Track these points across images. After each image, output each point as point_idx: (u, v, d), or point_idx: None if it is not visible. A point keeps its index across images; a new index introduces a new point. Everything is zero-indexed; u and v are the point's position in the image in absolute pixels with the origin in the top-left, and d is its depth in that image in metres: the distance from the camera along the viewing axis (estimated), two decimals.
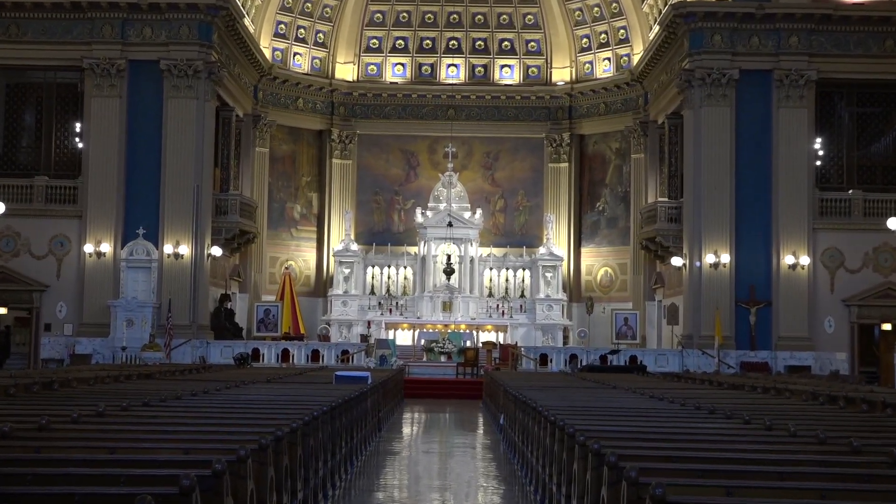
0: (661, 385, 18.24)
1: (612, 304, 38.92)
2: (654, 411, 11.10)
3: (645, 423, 9.63)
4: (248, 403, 11.28)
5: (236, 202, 35.14)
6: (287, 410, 10.25)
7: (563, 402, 12.66)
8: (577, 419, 9.68)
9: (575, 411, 10.96)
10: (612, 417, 10.22)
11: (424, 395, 27.88)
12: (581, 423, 9.22)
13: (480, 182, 41.68)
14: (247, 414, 9.86)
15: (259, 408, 10.65)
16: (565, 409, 11.26)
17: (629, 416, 10.34)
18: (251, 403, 11.30)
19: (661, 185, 36.03)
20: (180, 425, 8.61)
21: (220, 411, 10.13)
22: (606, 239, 40.44)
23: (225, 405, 10.94)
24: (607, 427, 9.00)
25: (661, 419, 10.12)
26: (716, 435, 8.63)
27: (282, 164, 40.33)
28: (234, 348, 31.21)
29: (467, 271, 38.64)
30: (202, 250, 31.69)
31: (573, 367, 30.03)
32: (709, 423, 9.64)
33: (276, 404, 11.21)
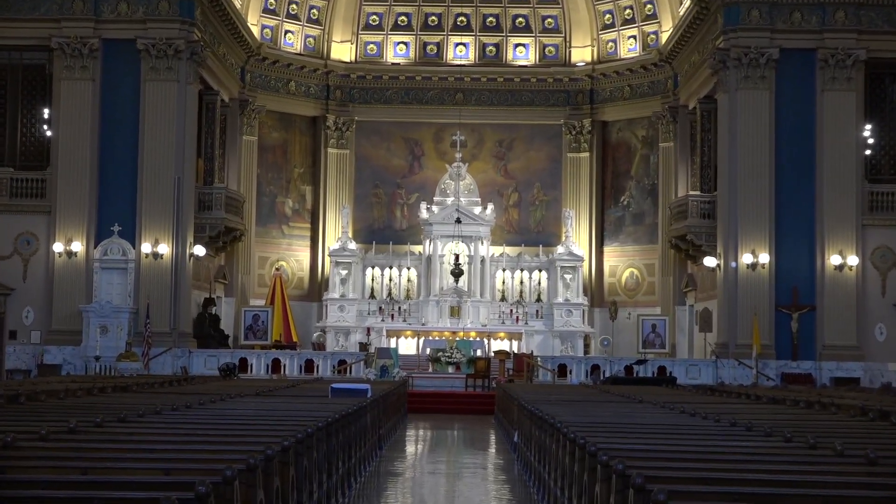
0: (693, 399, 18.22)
1: (638, 309, 38.89)
2: (684, 428, 11.10)
3: (675, 441, 9.62)
4: (235, 419, 11.30)
5: (221, 196, 35.18)
6: (278, 427, 10.26)
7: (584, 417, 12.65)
8: (599, 436, 9.68)
9: (597, 428, 10.96)
10: (638, 435, 10.21)
11: (430, 409, 27.89)
12: (604, 440, 9.22)
13: (492, 174, 41.68)
14: (234, 431, 9.88)
15: (247, 424, 10.66)
16: (586, 425, 11.26)
17: (657, 434, 10.34)
18: (238, 419, 11.32)
19: (693, 176, 36.01)
20: (160, 443, 8.63)
21: (205, 428, 10.14)
22: (632, 237, 40.41)
23: (209, 421, 10.95)
24: (633, 445, 9.00)
25: (693, 437, 10.12)
26: (753, 454, 8.63)
27: (272, 154, 40.37)
28: (219, 358, 31.23)
29: (477, 273, 38.65)
30: (184, 249, 31.74)
31: (595, 379, 30.03)
32: (746, 442, 9.63)
33: (266, 420, 11.22)
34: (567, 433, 10.09)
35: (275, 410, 12.92)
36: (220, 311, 36.55)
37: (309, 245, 41.00)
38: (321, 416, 11.33)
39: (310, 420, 10.89)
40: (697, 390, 23.04)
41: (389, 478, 15.22)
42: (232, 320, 37.19)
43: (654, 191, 39.50)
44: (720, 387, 24.85)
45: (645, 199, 40.06)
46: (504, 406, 22.56)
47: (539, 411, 13.25)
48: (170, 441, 8.83)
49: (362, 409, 14.75)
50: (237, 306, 37.44)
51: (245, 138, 38.61)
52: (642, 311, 38.22)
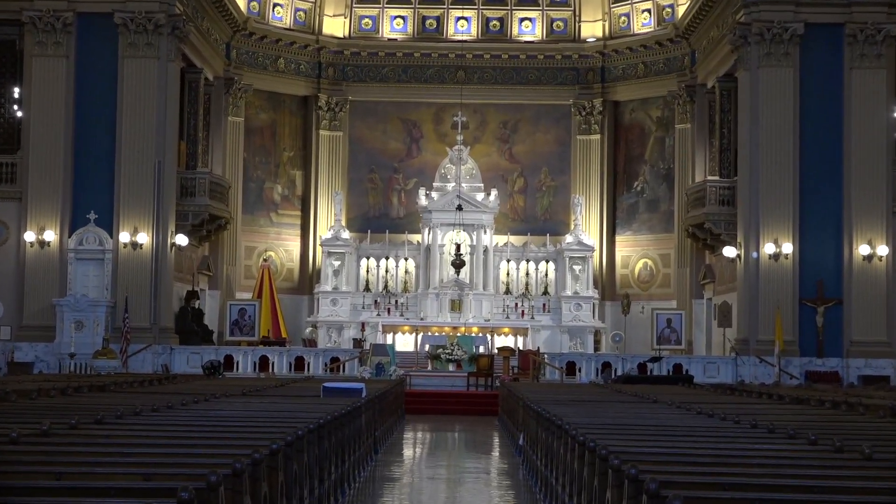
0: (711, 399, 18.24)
1: (652, 302, 38.90)
2: (702, 430, 11.11)
3: (691, 443, 9.64)
4: (220, 421, 11.31)
5: (205, 182, 35.18)
6: (266, 429, 10.27)
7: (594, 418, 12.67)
8: (610, 439, 9.69)
9: (608, 429, 10.97)
10: (651, 437, 10.22)
11: (429, 410, 27.92)
12: (615, 443, 9.23)
13: (496, 157, 41.67)
14: (219, 433, 9.89)
15: (233, 426, 10.67)
16: (596, 426, 11.27)
17: (672, 436, 10.35)
18: (224, 421, 11.33)
19: (711, 160, 35.99)
20: (140, 447, 8.64)
21: (188, 430, 10.15)
22: (646, 225, 40.42)
23: (193, 423, 10.96)
24: (646, 448, 9.01)
25: (711, 439, 10.13)
26: (775, 458, 8.64)
27: (259, 137, 40.34)
28: (202, 355, 31.24)
29: (480, 264, 38.66)
30: (165, 239, 31.74)
31: (606, 378, 30.05)
32: (767, 444, 9.64)
33: (254, 422, 11.23)
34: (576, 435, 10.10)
35: (263, 411, 12.94)
36: (204, 305, 36.56)
37: (299, 234, 41.00)
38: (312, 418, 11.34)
39: (300, 422, 10.90)
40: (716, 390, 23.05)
41: (386, 483, 15.24)
42: (216, 315, 37.20)
43: (669, 176, 39.48)
44: (740, 386, 24.86)
45: (660, 184, 40.05)
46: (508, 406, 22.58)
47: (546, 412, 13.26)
48: (150, 444, 8.84)
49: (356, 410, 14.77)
50: (222, 300, 37.46)
51: (231, 119, 38.59)
52: (657, 304, 38.23)
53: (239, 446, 8.58)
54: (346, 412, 13.42)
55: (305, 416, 11.93)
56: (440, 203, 38.73)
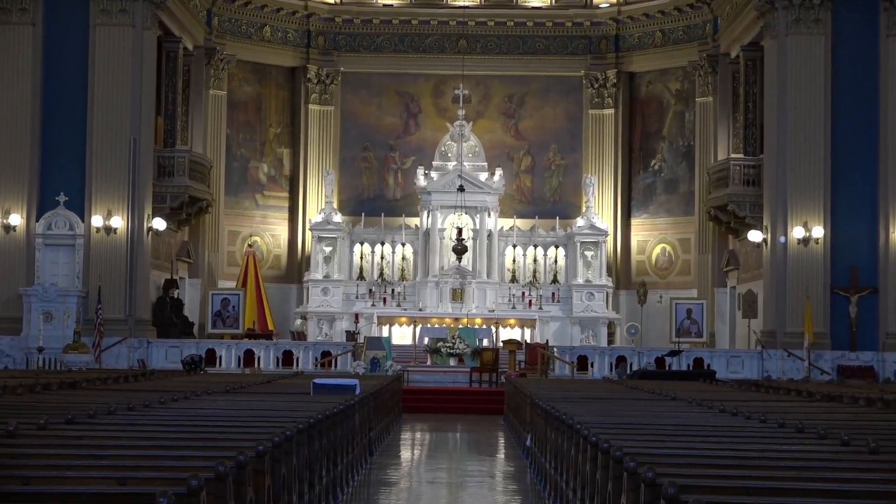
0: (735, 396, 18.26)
1: (670, 291, 38.91)
2: (725, 430, 11.13)
3: (713, 444, 9.65)
4: (201, 420, 11.33)
5: (185, 161, 35.16)
6: (252, 429, 10.29)
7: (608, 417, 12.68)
8: (625, 439, 9.70)
9: (622, 429, 10.98)
10: (670, 438, 10.24)
11: (428, 408, 27.95)
12: (630, 444, 9.24)
13: (500, 134, 41.63)
14: (200, 434, 9.90)
15: (216, 426, 10.69)
16: (610, 426, 11.29)
17: (693, 436, 10.36)
18: (206, 420, 11.34)
19: (735, 137, 35.96)
20: (114, 448, 8.65)
21: (166, 430, 10.17)
22: (664, 207, 40.40)
23: (172, 422, 10.98)
24: (664, 449, 9.02)
25: (734, 440, 10.14)
26: (805, 460, 8.65)
27: (243, 112, 40.30)
28: (182, 349, 31.27)
29: (484, 249, 38.66)
30: (141, 223, 31.73)
31: (620, 373, 30.08)
32: (796, 445, 9.66)
33: (238, 421, 11.25)
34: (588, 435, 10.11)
35: (248, 410, 12.95)
36: (184, 295, 36.57)
37: (287, 217, 40.99)
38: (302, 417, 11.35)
39: (288, 421, 10.91)
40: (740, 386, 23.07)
41: (381, 488, 15.26)
42: (197, 305, 37.21)
43: (689, 153, 39.45)
44: (766, 382, 24.89)
45: (679, 163, 40.02)
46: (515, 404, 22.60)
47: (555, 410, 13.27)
48: (126, 446, 8.85)
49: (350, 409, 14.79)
50: (203, 289, 37.47)
51: (212, 93, 38.53)
52: (676, 293, 38.24)
53: (222, 448, 8.59)
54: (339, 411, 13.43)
55: (294, 415, 11.94)
56: (440, 183, 38.70)
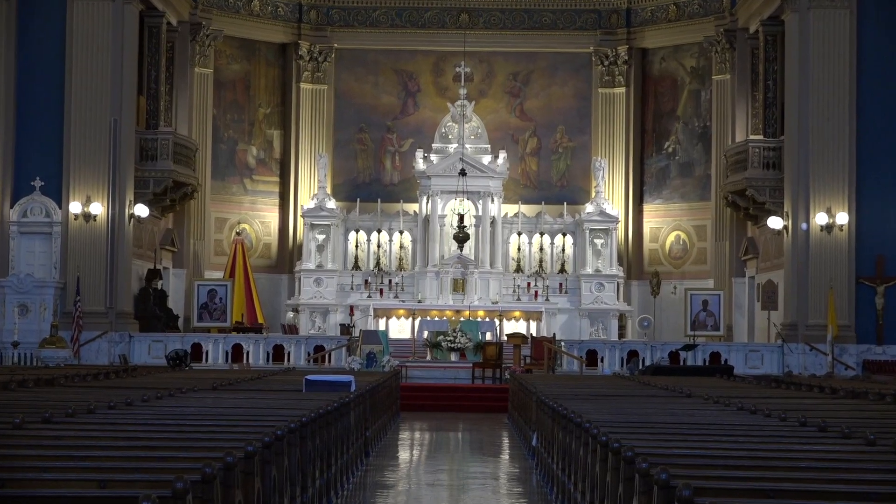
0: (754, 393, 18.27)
1: (685, 281, 38.92)
2: (743, 428, 11.13)
3: (730, 444, 9.66)
4: (187, 419, 11.33)
5: (168, 143, 35.14)
6: (241, 428, 10.30)
7: (619, 415, 12.69)
8: (636, 438, 9.71)
9: (634, 428, 10.99)
10: (684, 437, 10.24)
11: (428, 406, 27.97)
12: (642, 443, 9.25)
13: (504, 114, 41.60)
14: (186, 433, 9.91)
15: (202, 425, 10.70)
16: (621, 424, 11.30)
17: (709, 435, 10.37)
18: (191, 419, 11.35)
19: (754, 117, 35.93)
20: (94, 449, 8.65)
21: (149, 430, 10.18)
22: (678, 192, 40.39)
23: (155, 422, 10.99)
24: (678, 449, 9.03)
25: (753, 439, 10.15)
26: (828, 461, 8.65)
27: (231, 91, 40.28)
28: (166, 344, 31.30)
29: (487, 237, 38.66)
30: (122, 209, 31.73)
31: (632, 369, 30.10)
32: (818, 445, 9.66)
33: (226, 420, 11.26)
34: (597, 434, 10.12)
35: (236, 408, 12.96)
36: (168, 286, 36.59)
37: (277, 203, 40.99)
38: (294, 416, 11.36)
39: (280, 420, 10.92)
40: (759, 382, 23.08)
41: (378, 491, 15.28)
42: (182, 297, 37.22)
43: (705, 135, 39.42)
44: (787, 377, 24.90)
45: (694, 145, 39.99)
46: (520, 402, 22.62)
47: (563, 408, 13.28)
48: (106, 446, 8.86)
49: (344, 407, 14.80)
50: (189, 280, 37.48)
51: (198, 71, 38.50)
52: (691, 284, 38.24)
53: (209, 448, 8.60)
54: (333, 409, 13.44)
55: (286, 413, 11.95)
56: (440, 167, 38.69)
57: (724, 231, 38.37)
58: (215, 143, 39.46)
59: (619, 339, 36.74)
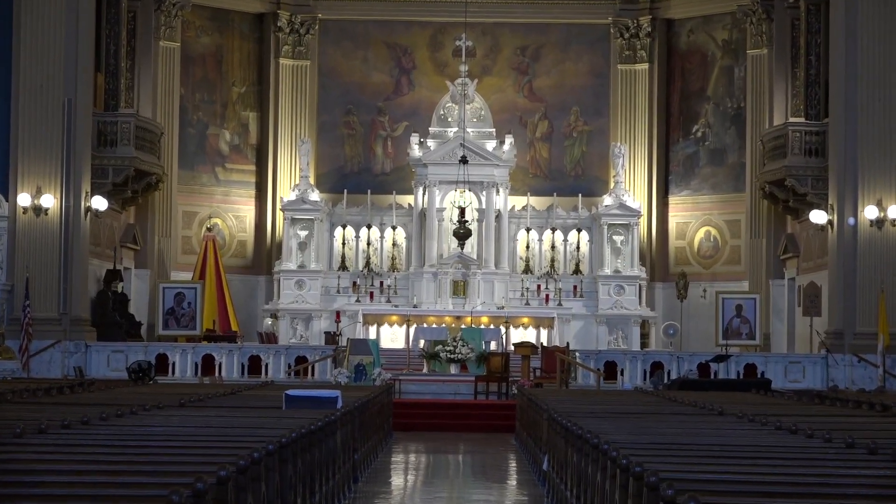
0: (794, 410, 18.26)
1: (716, 284, 38.90)
2: (781, 451, 11.13)
3: (767, 468, 9.65)
4: (151, 440, 11.33)
5: (130, 127, 35.10)
6: (212, 451, 10.29)
7: (641, 435, 12.69)
8: (661, 462, 9.70)
9: (658, 450, 10.99)
10: (715, 460, 10.24)
11: (425, 425, 27.95)
12: (668, 467, 9.25)
13: (511, 94, 41.58)
14: (149, 457, 9.91)
15: (168, 447, 10.69)
16: (643, 446, 11.29)
17: (743, 459, 10.37)
18: (156, 440, 11.35)
19: (795, 97, 35.92)
20: (46, 474, 8.64)
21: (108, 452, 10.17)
22: (708, 182, 40.37)
23: (115, 443, 10.98)
24: (708, 474, 9.02)
25: (794, 462, 10.15)
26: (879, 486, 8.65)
27: (201, 68, 40.25)
28: (127, 354, 31.27)
29: (491, 233, 38.64)
30: (77, 202, 31.70)
31: (657, 383, 30.09)
32: (868, 470, 9.66)
33: (195, 442, 11.25)
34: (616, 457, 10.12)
35: (207, 428, 12.96)
36: (129, 289, 36.56)
37: (254, 195, 40.97)
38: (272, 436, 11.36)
39: (256, 441, 10.92)
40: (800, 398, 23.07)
41: None
42: (146, 301, 37.20)
43: (739, 117, 39.40)
44: (832, 392, 24.88)
45: (727, 129, 39.97)
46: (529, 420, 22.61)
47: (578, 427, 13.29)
48: (60, 471, 8.85)
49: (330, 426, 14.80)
50: (153, 282, 37.45)
51: (163, 45, 38.48)
52: (723, 286, 38.22)
53: (176, 473, 8.59)
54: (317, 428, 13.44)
55: (263, 433, 11.95)
56: (438, 154, 38.68)
57: (760, 226, 38.34)
58: (183, 126, 39.43)
59: (641, 348, 36.72)
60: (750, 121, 38.67)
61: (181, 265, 38.97)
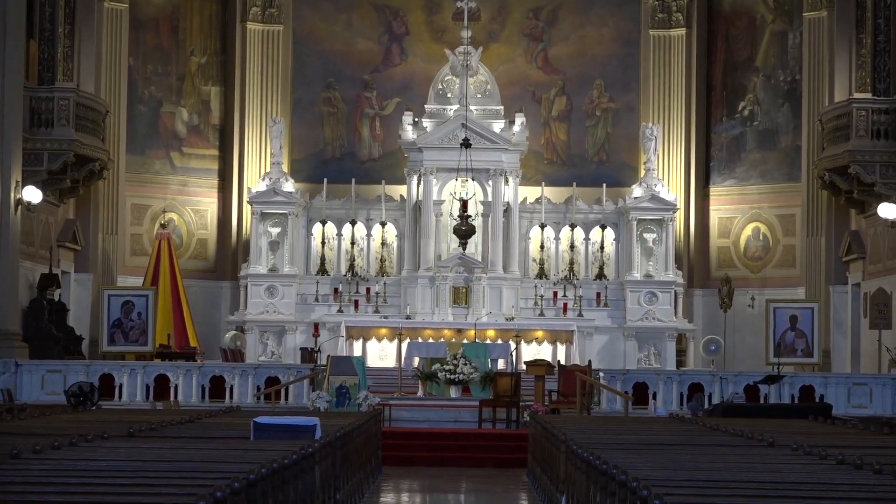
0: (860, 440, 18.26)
1: (767, 290, 38.91)
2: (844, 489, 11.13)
3: None
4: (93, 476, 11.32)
5: (69, 104, 35.08)
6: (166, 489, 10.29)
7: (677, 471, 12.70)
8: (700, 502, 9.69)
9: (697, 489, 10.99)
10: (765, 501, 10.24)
11: (419, 459, 27.92)
12: None
13: (522, 65, 41.59)
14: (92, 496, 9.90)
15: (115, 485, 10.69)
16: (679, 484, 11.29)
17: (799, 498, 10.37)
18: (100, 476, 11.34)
19: (860, 69, 35.94)
20: None
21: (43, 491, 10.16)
22: (757, 170, 40.36)
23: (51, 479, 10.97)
24: None
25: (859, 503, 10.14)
26: None
27: (153, 34, 40.24)
28: (66, 374, 31.25)
29: (498, 231, 38.64)
30: (6, 194, 31.72)
31: (696, 408, 30.09)
32: None
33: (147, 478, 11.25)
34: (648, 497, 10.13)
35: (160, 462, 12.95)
36: (68, 297, 36.55)
37: (217, 185, 40.99)
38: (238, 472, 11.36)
39: (219, 477, 10.92)
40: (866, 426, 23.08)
41: None
42: (88, 311, 37.17)
43: (793, 93, 39.41)
44: None
45: (779, 106, 39.97)
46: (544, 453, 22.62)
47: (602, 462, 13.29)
48: None
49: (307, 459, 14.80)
50: (96, 288, 37.43)
51: (108, 6, 38.47)
52: (774, 293, 38.24)
53: None
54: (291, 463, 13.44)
55: (228, 469, 11.95)
56: (436, 136, 38.68)
57: (818, 222, 38.32)
58: (132, 104, 39.41)
59: (677, 368, 36.72)
60: (806, 97, 38.65)
61: (130, 269, 38.96)
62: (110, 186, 38.39)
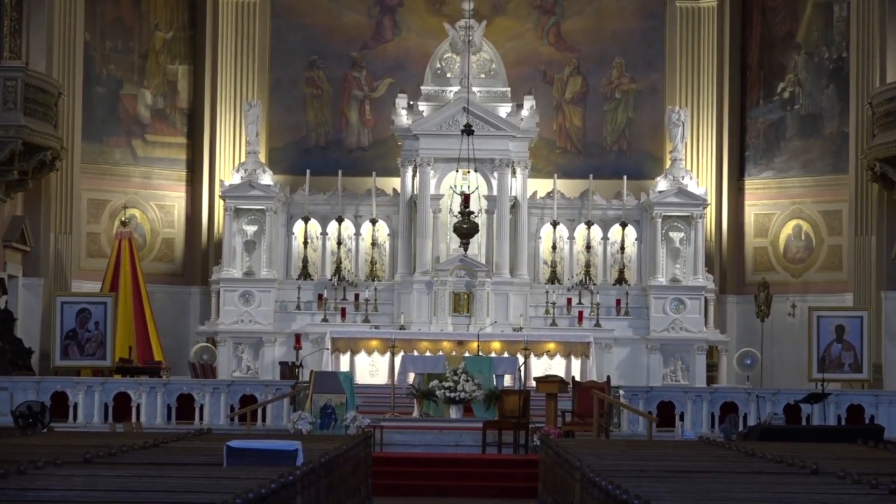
0: None
1: (809, 297, 38.93)
2: None
3: None
4: None
5: (16, 85, 35.12)
6: None
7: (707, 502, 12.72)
8: None
9: None
10: None
11: (415, 488, 27.98)
12: None
13: (531, 42, 41.64)
14: None
15: None
16: None
17: None
18: None
19: None
20: None
21: None
22: (798, 160, 40.41)
23: None
24: None
25: None
26: None
27: (113, 6, 40.28)
28: (13, 393, 31.30)
29: (505, 229, 38.69)
30: None
31: (728, 431, 30.13)
32: None
33: None
34: None
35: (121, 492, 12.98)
36: (16, 305, 36.58)
37: (185, 178, 41.02)
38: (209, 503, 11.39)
39: None
40: None
41: None
42: (38, 321, 37.20)
43: (839, 72, 39.45)
44: None
45: (823, 88, 40.01)
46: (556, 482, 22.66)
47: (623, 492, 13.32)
48: None
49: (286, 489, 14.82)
50: (48, 294, 37.45)
51: None
52: (818, 300, 38.25)
53: None
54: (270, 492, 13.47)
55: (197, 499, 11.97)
56: (434, 122, 38.74)
57: (869, 220, 38.31)
58: (89, 85, 39.43)
59: (707, 384, 36.74)
60: (854, 77, 38.68)
61: (86, 272, 38.99)
62: (64, 179, 38.38)
